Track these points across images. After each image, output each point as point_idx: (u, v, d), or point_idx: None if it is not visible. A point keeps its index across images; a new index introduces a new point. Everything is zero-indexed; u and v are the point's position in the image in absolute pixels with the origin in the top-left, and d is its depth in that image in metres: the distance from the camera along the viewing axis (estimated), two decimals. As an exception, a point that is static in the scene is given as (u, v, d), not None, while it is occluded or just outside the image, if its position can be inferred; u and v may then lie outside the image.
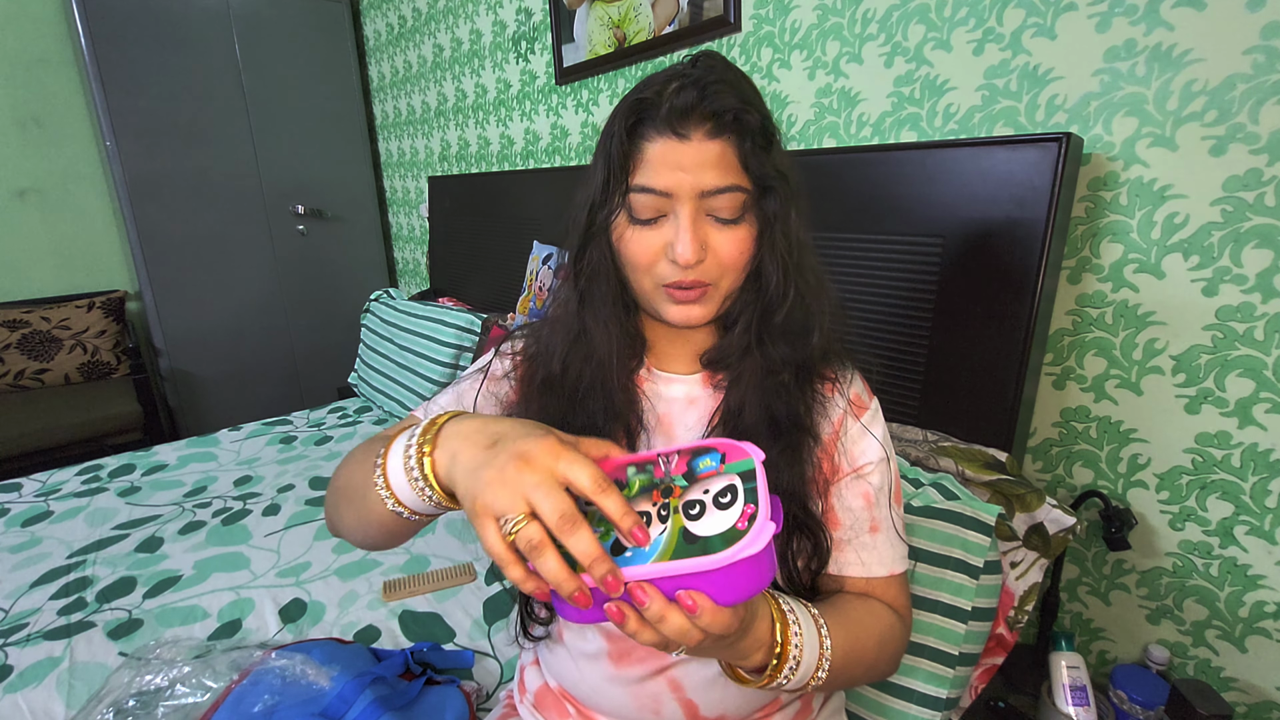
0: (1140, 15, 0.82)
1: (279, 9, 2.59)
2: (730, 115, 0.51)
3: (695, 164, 0.50)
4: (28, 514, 1.38)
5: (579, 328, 0.58)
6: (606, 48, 1.61)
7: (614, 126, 0.53)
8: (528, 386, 0.61)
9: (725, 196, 0.52)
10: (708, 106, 0.50)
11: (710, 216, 0.53)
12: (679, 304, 0.55)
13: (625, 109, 0.53)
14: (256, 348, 2.74)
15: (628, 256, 0.55)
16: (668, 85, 0.52)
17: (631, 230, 0.54)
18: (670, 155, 0.51)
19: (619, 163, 0.53)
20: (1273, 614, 0.84)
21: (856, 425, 0.61)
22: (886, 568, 0.60)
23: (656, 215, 0.53)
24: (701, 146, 0.51)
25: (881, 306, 1.03)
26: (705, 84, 0.50)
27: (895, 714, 0.78)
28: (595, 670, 0.62)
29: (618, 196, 0.53)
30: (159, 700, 0.84)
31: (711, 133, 0.51)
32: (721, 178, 0.51)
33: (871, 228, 1.02)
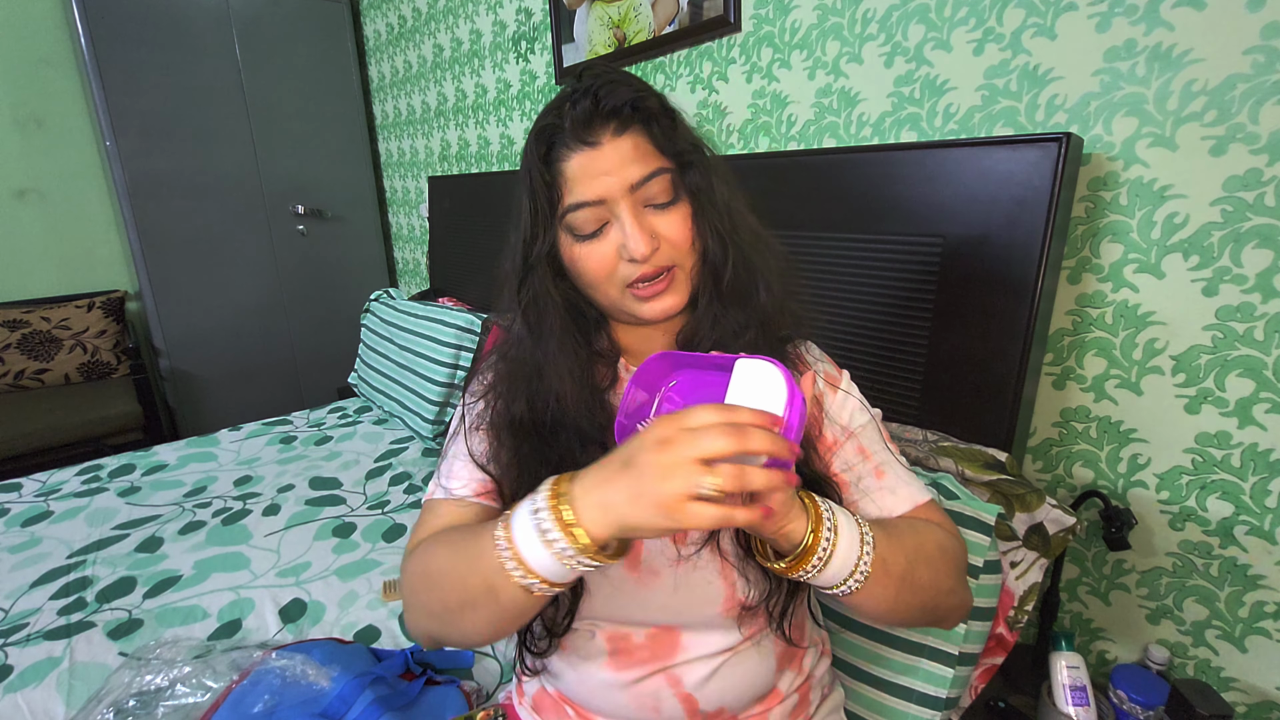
0: (1140, 15, 0.82)
1: (279, 9, 2.59)
2: (628, 107, 0.52)
3: (615, 164, 0.52)
4: (28, 514, 1.38)
5: (535, 364, 0.58)
6: (606, 48, 1.61)
7: (529, 161, 0.55)
8: (497, 429, 0.60)
9: (654, 182, 0.53)
10: (605, 106, 0.52)
11: (648, 207, 0.54)
12: (650, 300, 0.55)
13: (534, 141, 0.55)
14: (256, 348, 2.74)
15: (585, 274, 0.56)
16: (563, 106, 0.53)
17: (580, 248, 0.55)
18: (590, 165, 0.52)
19: (544, 192, 0.54)
20: (1273, 614, 0.84)
21: (837, 394, 0.63)
22: (907, 503, 0.60)
23: (600, 225, 0.54)
24: (614, 146, 0.52)
25: (881, 306, 1.03)
26: (596, 89, 0.52)
27: (895, 714, 0.78)
28: (594, 675, 0.61)
29: (552, 223, 0.55)
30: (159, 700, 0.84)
31: (617, 130, 0.53)
32: (644, 167, 0.53)
33: (871, 228, 1.02)
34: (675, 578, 0.58)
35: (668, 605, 0.58)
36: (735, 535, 0.58)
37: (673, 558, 0.58)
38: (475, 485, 0.60)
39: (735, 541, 0.58)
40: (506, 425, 0.59)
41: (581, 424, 0.57)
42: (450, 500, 0.60)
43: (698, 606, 0.58)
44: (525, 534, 0.43)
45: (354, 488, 1.50)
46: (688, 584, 0.58)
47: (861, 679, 0.81)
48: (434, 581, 0.52)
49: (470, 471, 0.60)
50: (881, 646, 0.80)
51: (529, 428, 0.58)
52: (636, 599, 0.59)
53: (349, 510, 1.39)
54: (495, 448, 0.60)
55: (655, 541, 0.58)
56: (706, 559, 0.58)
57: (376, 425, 1.88)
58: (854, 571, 0.48)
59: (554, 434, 0.57)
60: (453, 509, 0.60)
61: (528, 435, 0.58)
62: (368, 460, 1.64)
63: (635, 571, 0.58)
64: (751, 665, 0.61)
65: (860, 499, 0.60)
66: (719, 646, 0.59)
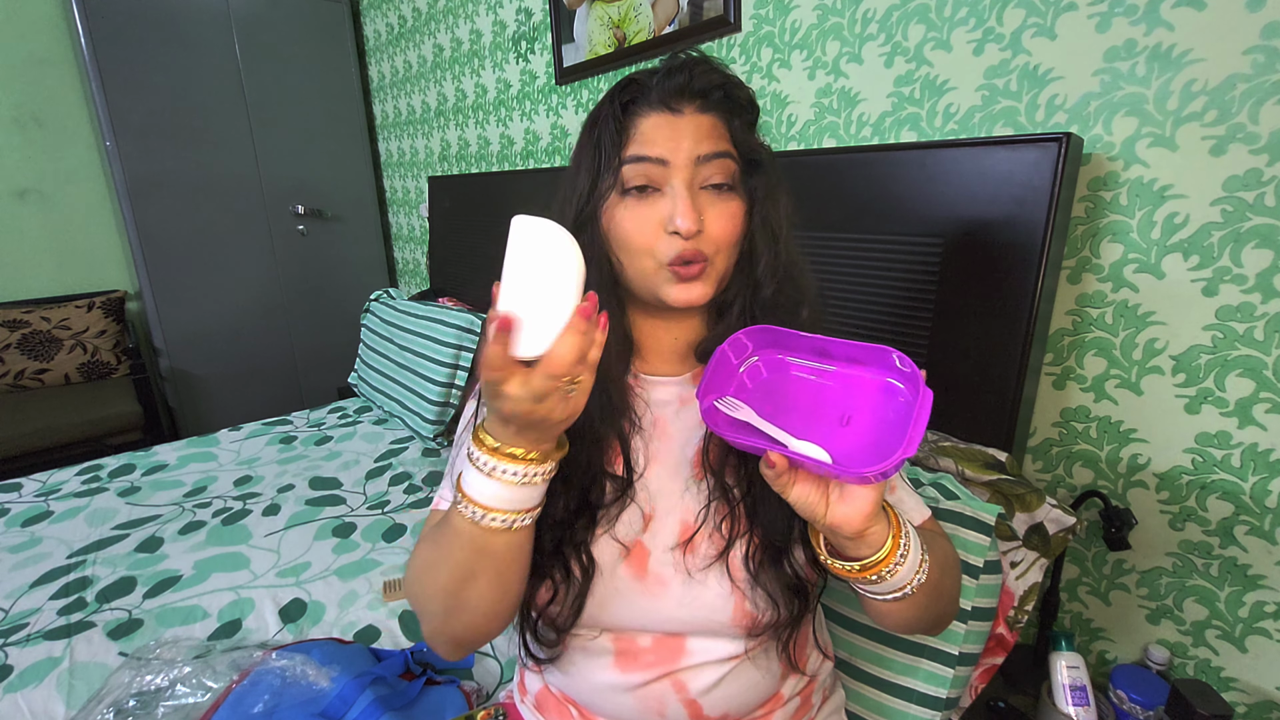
0: (1140, 15, 0.82)
1: (279, 9, 2.59)
2: (720, 92, 0.54)
3: (690, 133, 0.52)
4: (28, 514, 1.38)
5: None
6: (606, 48, 1.61)
7: (604, 110, 0.55)
8: None
9: (718, 163, 0.53)
10: (698, 84, 0.53)
11: (704, 189, 0.54)
12: (682, 282, 0.54)
13: (616, 92, 0.55)
14: (256, 348, 2.74)
15: (622, 237, 0.54)
16: (652, 76, 0.54)
17: (624, 207, 0.54)
18: (664, 126, 0.53)
19: (612, 140, 0.53)
20: (1273, 614, 0.84)
21: None
22: (918, 518, 0.62)
23: (647, 184, 0.53)
24: (695, 119, 0.53)
25: (881, 306, 1.03)
26: (693, 66, 0.53)
27: (895, 714, 0.78)
28: (599, 676, 0.61)
29: (609, 176, 0.54)
30: (159, 700, 0.84)
31: (703, 108, 0.54)
32: (715, 145, 0.53)
33: (871, 228, 1.02)
34: (683, 590, 0.57)
35: (674, 616, 0.58)
36: (746, 558, 0.57)
37: (682, 570, 0.57)
38: None
39: (746, 565, 0.57)
40: None
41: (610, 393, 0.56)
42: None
43: (704, 619, 0.58)
44: (477, 483, 0.46)
45: (354, 488, 1.50)
46: (695, 598, 0.57)
47: (862, 679, 0.81)
48: (428, 573, 0.52)
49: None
50: (882, 647, 0.80)
51: None
52: (642, 607, 0.58)
53: (349, 510, 1.39)
54: None
55: (664, 553, 0.58)
56: (715, 578, 0.57)
57: (376, 425, 1.88)
58: (909, 582, 0.50)
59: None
60: None
61: None
62: (368, 460, 1.64)
63: (643, 579, 0.58)
64: (756, 674, 0.61)
65: None
66: (725, 654, 0.59)
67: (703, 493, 0.59)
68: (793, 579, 0.58)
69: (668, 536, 0.58)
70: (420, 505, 1.41)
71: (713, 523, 0.57)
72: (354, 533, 1.30)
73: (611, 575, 0.57)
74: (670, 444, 0.60)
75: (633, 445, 0.59)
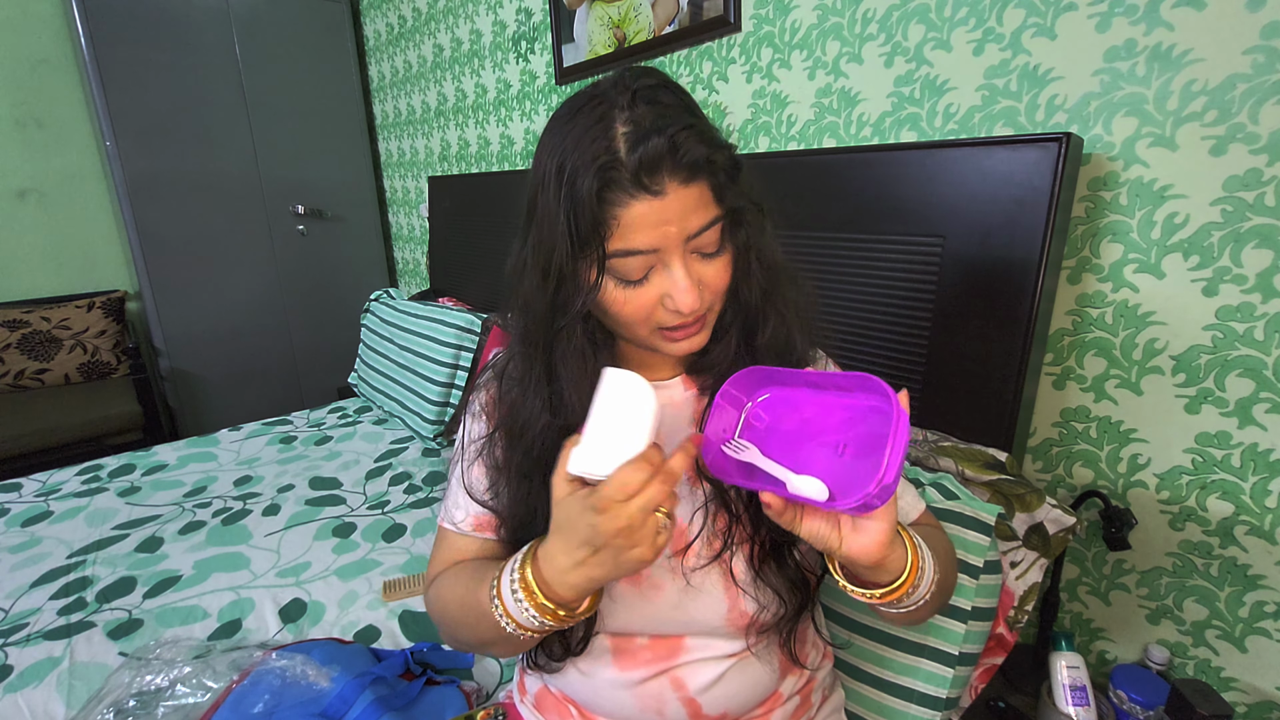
0: (1140, 15, 0.82)
1: (279, 9, 2.59)
2: (703, 161, 0.47)
3: (677, 215, 0.48)
4: (28, 514, 1.38)
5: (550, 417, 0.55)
6: (606, 48, 1.61)
7: (572, 194, 0.47)
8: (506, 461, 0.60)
9: (709, 232, 0.50)
10: (681, 159, 0.46)
11: (695, 254, 0.51)
12: (679, 340, 0.54)
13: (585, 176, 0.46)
14: (256, 348, 2.74)
15: (623, 317, 0.52)
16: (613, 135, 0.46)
17: (621, 292, 0.51)
18: (650, 215, 0.47)
19: (590, 232, 0.47)
20: (1273, 614, 0.84)
21: None
22: (914, 513, 0.64)
23: (646, 271, 0.50)
24: (679, 196, 0.47)
25: (881, 306, 1.03)
26: (668, 131, 0.45)
27: (895, 714, 0.78)
28: (598, 674, 0.61)
29: (594, 266, 0.49)
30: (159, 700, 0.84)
31: (685, 180, 0.47)
32: (703, 218, 0.49)
33: (871, 228, 1.02)
34: (679, 595, 0.58)
35: (670, 619, 0.58)
36: (750, 557, 0.57)
37: (677, 573, 0.58)
38: (473, 520, 0.62)
39: (749, 564, 0.57)
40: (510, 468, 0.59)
41: None
42: (455, 533, 0.64)
43: (700, 620, 0.58)
44: (511, 605, 0.49)
45: (354, 488, 1.50)
46: (691, 600, 0.58)
47: (862, 679, 0.81)
48: (453, 625, 0.59)
49: (468, 504, 0.63)
50: (882, 647, 0.80)
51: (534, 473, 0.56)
52: (637, 610, 0.58)
53: (349, 510, 1.39)
54: (496, 483, 0.61)
55: (661, 561, 0.58)
56: (712, 581, 0.58)
57: (376, 425, 1.88)
58: (925, 595, 0.51)
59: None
60: (458, 541, 0.64)
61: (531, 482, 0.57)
62: (368, 460, 1.64)
63: (638, 585, 0.58)
64: (755, 671, 0.61)
65: None
66: (723, 652, 0.59)
67: (698, 498, 0.59)
68: (795, 573, 0.59)
69: None
70: (420, 505, 1.41)
71: (710, 529, 0.58)
72: (354, 533, 1.30)
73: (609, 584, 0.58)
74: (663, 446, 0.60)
75: None
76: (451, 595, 0.58)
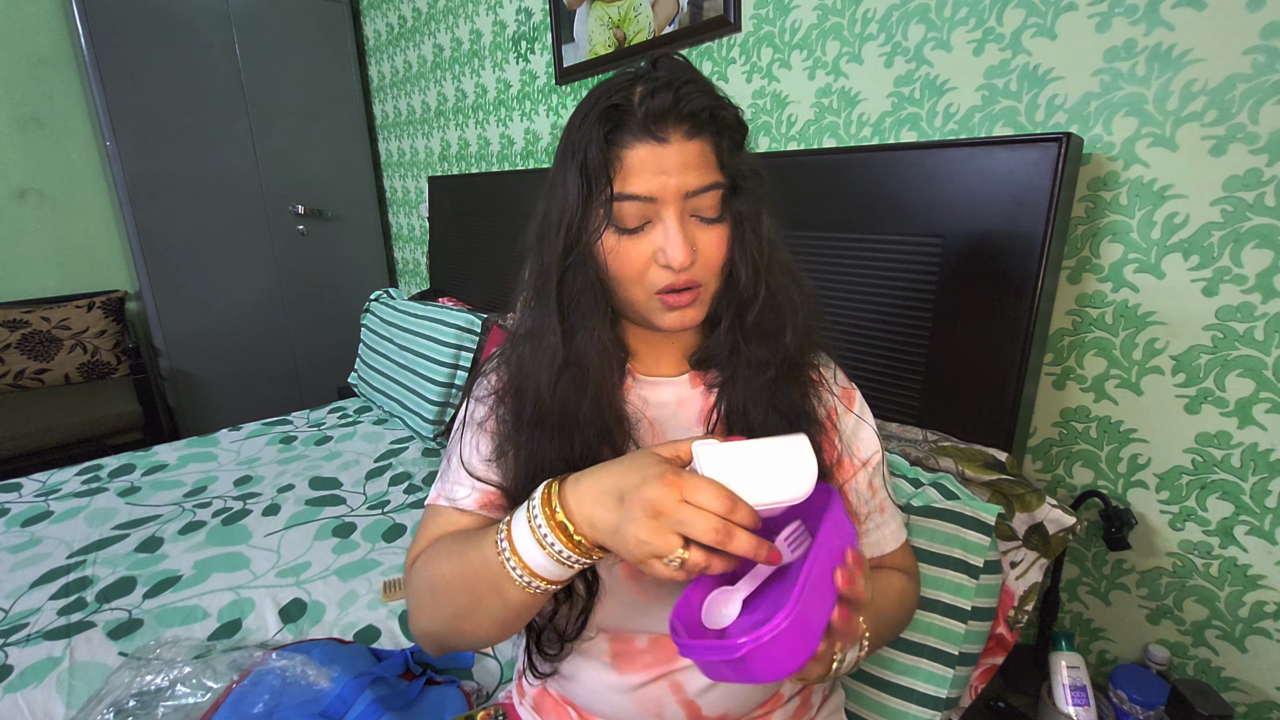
0: (1140, 15, 0.82)
1: (279, 9, 2.59)
2: (707, 114, 0.51)
3: (677, 166, 0.50)
4: (28, 514, 1.38)
5: (566, 354, 0.55)
6: (606, 48, 1.61)
7: (587, 134, 0.51)
8: (515, 420, 0.58)
9: (708, 195, 0.52)
10: (684, 107, 0.49)
11: (694, 217, 0.52)
12: (673, 309, 0.54)
13: (597, 117, 0.50)
14: (256, 348, 2.74)
15: (616, 269, 0.53)
16: (632, 88, 0.51)
17: (617, 241, 0.52)
18: (651, 160, 0.50)
19: (598, 172, 0.51)
20: (1273, 614, 0.84)
21: (851, 417, 0.63)
22: (896, 540, 0.64)
23: (642, 223, 0.52)
24: (682, 148, 0.50)
25: (881, 306, 1.03)
26: (677, 85, 0.49)
27: (895, 714, 0.78)
28: (597, 677, 0.61)
29: (601, 209, 0.51)
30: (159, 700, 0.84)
31: (690, 133, 0.50)
32: (703, 176, 0.51)
33: (871, 228, 1.02)
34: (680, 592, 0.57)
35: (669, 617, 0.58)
36: None
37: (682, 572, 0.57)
38: (478, 497, 0.59)
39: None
40: (530, 417, 0.57)
41: (605, 416, 0.56)
42: (453, 510, 0.60)
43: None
44: (524, 537, 0.46)
45: (354, 488, 1.50)
46: None
47: (862, 679, 0.81)
48: (440, 591, 0.53)
49: (472, 482, 0.60)
50: (882, 647, 0.80)
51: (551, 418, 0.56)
52: (639, 609, 0.58)
53: (349, 510, 1.39)
54: (503, 446, 0.59)
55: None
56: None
57: (376, 425, 1.88)
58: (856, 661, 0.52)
59: (579, 426, 0.56)
60: (457, 519, 0.60)
61: (548, 426, 0.56)
62: (368, 460, 1.64)
63: (639, 581, 0.58)
64: None
65: (865, 534, 0.64)
66: None
67: None
68: None
69: None
70: (420, 506, 1.41)
71: None
72: (354, 533, 1.30)
73: (608, 578, 0.58)
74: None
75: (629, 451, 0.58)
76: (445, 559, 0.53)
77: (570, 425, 0.56)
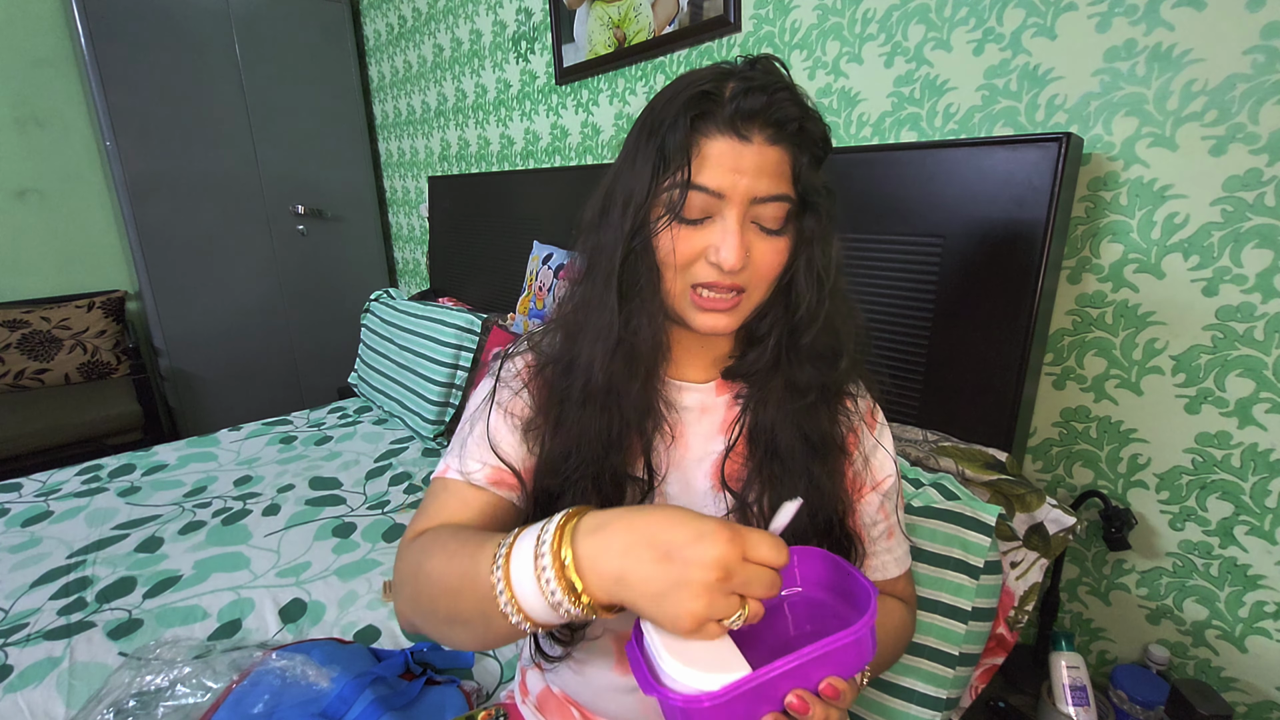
0: (1140, 15, 0.82)
1: (279, 9, 2.59)
2: (796, 125, 0.50)
3: (753, 168, 0.49)
4: (28, 514, 1.38)
5: (620, 334, 0.53)
6: (606, 48, 1.61)
7: (672, 116, 0.50)
8: (562, 401, 0.56)
9: (774, 205, 0.51)
10: (774, 113, 0.49)
11: (754, 224, 0.51)
12: (706, 311, 0.53)
13: (688, 101, 0.49)
14: (256, 348, 2.74)
15: (665, 255, 0.52)
16: (725, 81, 0.50)
17: (676, 228, 0.51)
18: (729, 156, 0.49)
19: (676, 155, 0.50)
20: (1273, 614, 0.84)
21: (871, 439, 0.62)
22: (901, 566, 0.64)
23: (703, 216, 0.51)
24: (762, 151, 0.49)
25: (881, 306, 1.03)
26: (772, 89, 0.49)
27: (895, 714, 0.78)
28: (601, 678, 0.61)
29: (674, 192, 0.50)
30: (159, 700, 0.84)
31: (773, 139, 0.50)
32: (774, 186, 0.50)
33: (871, 228, 1.02)
34: None
35: None
36: None
37: None
38: (490, 473, 0.57)
39: None
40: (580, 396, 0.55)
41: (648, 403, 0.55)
42: (462, 483, 0.57)
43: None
44: (523, 573, 0.40)
45: (354, 488, 1.50)
46: None
47: (861, 679, 0.81)
48: (426, 587, 0.49)
49: (489, 457, 0.57)
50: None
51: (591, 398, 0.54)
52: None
53: (349, 510, 1.39)
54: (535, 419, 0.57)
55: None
56: None
57: (376, 425, 1.88)
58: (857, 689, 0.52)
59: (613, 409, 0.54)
60: (463, 491, 0.57)
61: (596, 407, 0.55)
62: (368, 460, 1.64)
63: None
64: None
65: (870, 555, 0.63)
66: None
67: (719, 507, 0.58)
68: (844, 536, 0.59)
69: None
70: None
71: None
72: (354, 533, 1.30)
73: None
74: (688, 453, 0.59)
75: (654, 448, 0.58)
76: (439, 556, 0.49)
77: (613, 405, 0.54)
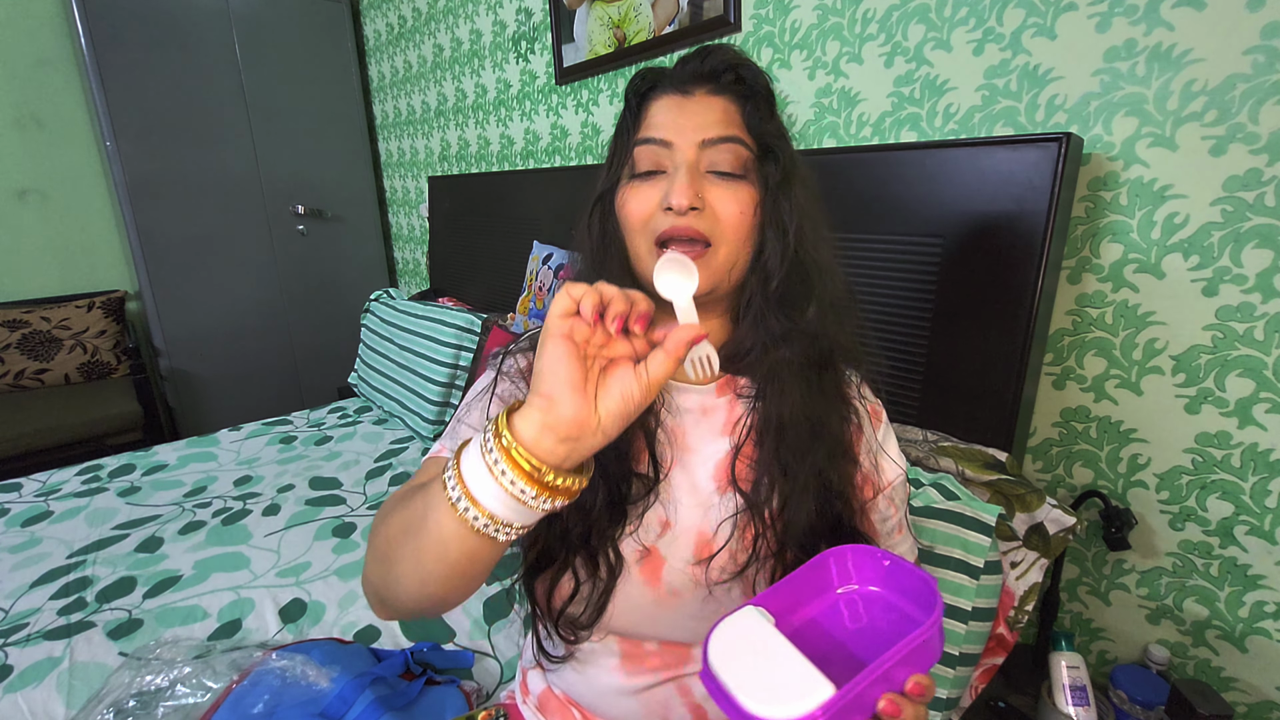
0: (1140, 15, 0.82)
1: (279, 9, 2.59)
2: (731, 74, 0.53)
3: (697, 117, 0.52)
4: (28, 514, 1.38)
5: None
6: (606, 48, 1.61)
7: (627, 95, 0.57)
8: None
9: (726, 147, 0.51)
10: (709, 65, 0.53)
11: (711, 173, 0.52)
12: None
13: (637, 79, 0.56)
14: (256, 348, 2.74)
15: (625, 216, 0.54)
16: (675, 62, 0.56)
17: (631, 188, 0.54)
18: (672, 109, 0.53)
19: (628, 124, 0.55)
20: (1273, 614, 0.84)
21: (878, 438, 0.62)
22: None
23: (655, 169, 0.53)
24: (704, 102, 0.53)
25: (881, 306, 1.03)
26: (709, 51, 0.54)
27: (895, 714, 0.78)
28: (604, 680, 0.61)
29: (624, 158, 0.55)
30: (159, 700, 0.84)
31: (714, 90, 0.53)
32: (723, 129, 0.52)
33: (871, 228, 1.02)
34: (699, 603, 0.55)
35: (685, 626, 0.57)
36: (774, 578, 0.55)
37: (700, 583, 0.55)
38: None
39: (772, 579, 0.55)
40: None
41: None
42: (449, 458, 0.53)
43: None
44: (477, 472, 0.38)
45: (354, 488, 1.50)
46: (712, 610, 0.55)
47: (861, 679, 0.81)
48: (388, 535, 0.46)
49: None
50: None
51: None
52: (653, 616, 0.57)
53: (349, 510, 1.39)
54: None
55: (681, 567, 0.55)
56: (736, 594, 0.55)
57: (376, 425, 1.88)
58: None
59: None
60: None
61: None
62: (368, 460, 1.64)
63: (654, 587, 0.56)
64: None
65: None
66: None
67: (725, 507, 0.56)
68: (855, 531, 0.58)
69: (684, 549, 0.56)
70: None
71: (737, 542, 0.55)
72: (354, 533, 1.30)
73: (626, 578, 0.56)
74: (689, 454, 0.58)
75: (658, 444, 0.57)
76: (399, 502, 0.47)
77: None
